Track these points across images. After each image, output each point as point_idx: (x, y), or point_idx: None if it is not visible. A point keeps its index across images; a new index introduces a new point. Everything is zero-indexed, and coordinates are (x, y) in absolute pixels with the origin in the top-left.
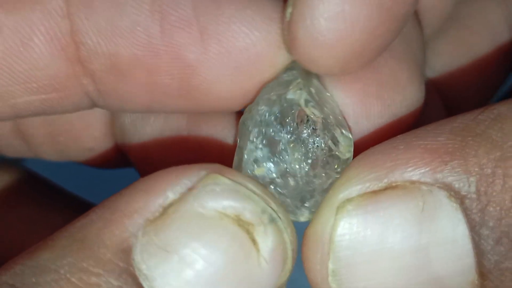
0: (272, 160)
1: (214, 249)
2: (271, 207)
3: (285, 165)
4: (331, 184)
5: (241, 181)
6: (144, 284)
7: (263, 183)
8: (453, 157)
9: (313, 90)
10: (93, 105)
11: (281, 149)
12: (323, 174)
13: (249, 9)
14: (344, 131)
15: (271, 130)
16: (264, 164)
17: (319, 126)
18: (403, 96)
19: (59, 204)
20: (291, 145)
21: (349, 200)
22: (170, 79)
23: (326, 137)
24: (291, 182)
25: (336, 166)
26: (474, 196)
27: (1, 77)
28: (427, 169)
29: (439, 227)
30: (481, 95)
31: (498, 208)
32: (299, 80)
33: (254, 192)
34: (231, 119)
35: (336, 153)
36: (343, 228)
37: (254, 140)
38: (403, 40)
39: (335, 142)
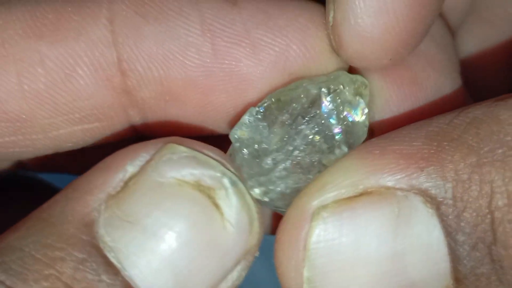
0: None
1: (175, 215)
2: (230, 171)
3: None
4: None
5: (198, 148)
6: (109, 255)
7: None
8: (429, 162)
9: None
10: (137, 134)
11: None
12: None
13: (301, 17)
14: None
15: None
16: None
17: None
18: (449, 108)
19: None
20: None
21: (324, 207)
22: (225, 96)
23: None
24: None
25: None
26: (450, 202)
27: (43, 110)
28: (402, 175)
29: (414, 232)
30: (502, 89)
31: (474, 214)
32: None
33: (212, 158)
34: None
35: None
36: (318, 236)
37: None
38: (440, 48)
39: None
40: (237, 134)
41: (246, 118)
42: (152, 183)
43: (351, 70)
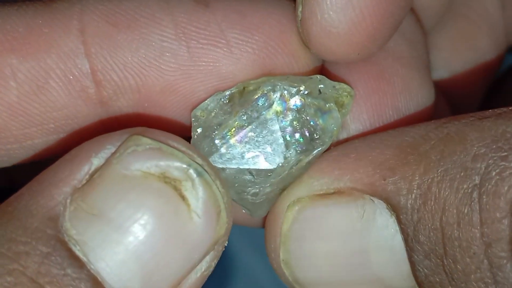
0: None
1: (140, 208)
2: (196, 162)
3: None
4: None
5: (163, 139)
6: (74, 249)
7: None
8: (393, 173)
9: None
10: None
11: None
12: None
13: (275, 14)
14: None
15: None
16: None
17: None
18: (416, 103)
19: None
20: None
21: (298, 200)
22: (206, 97)
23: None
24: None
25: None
26: (408, 212)
27: (17, 121)
28: (369, 181)
29: (378, 234)
30: (480, 84)
31: (427, 226)
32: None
33: (177, 149)
34: None
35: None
36: (290, 224)
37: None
38: (409, 45)
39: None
40: (198, 113)
41: (209, 100)
42: (117, 176)
43: (324, 64)
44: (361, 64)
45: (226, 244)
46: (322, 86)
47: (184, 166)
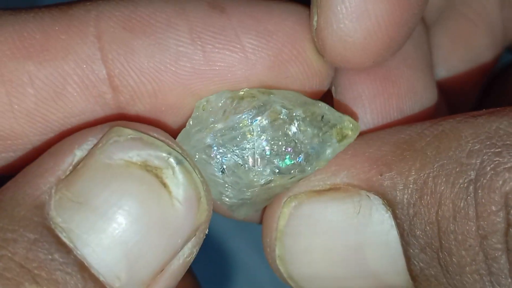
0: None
1: (123, 195)
2: (176, 150)
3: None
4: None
5: (144, 130)
6: (61, 235)
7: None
8: (389, 168)
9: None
10: None
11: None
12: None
13: (289, 21)
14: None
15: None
16: None
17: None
18: (420, 104)
19: None
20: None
21: (295, 196)
22: None
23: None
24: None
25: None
26: (404, 206)
27: (35, 128)
28: (366, 176)
29: (374, 230)
30: (477, 83)
31: (423, 220)
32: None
33: (157, 139)
34: None
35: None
36: (287, 220)
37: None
38: (415, 46)
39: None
40: (202, 103)
41: (215, 95)
42: (100, 165)
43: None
44: None
45: (207, 232)
46: (327, 113)
47: (165, 154)
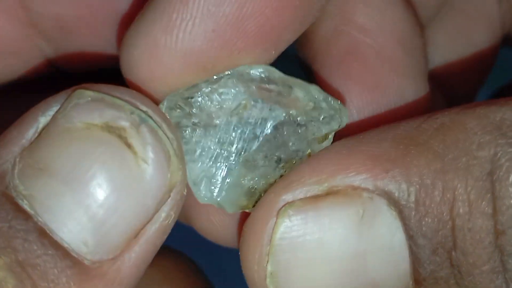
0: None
1: (84, 158)
2: (140, 109)
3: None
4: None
5: (106, 90)
6: (21, 203)
7: None
8: (394, 165)
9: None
10: (53, 67)
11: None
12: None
13: None
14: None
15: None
16: None
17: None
18: (411, 110)
19: None
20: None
21: (290, 204)
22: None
23: None
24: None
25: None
26: (412, 205)
27: None
28: (368, 175)
29: (377, 234)
30: (476, 79)
31: (436, 219)
32: None
33: (121, 98)
34: None
35: None
36: (283, 232)
37: None
38: (406, 53)
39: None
40: (202, 86)
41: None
42: (61, 129)
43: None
44: (356, 73)
45: (185, 193)
46: (319, 97)
47: (127, 113)
